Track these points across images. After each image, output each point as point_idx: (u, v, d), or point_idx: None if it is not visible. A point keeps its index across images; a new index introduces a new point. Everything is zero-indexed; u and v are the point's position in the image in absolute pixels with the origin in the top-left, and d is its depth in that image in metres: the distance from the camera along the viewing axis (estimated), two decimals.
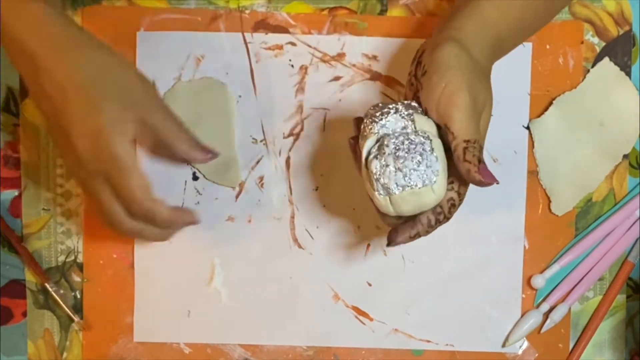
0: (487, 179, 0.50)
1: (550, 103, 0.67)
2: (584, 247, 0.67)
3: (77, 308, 0.69)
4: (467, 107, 0.50)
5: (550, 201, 0.67)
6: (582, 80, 0.67)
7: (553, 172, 0.67)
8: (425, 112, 0.52)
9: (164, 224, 0.58)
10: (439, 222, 0.52)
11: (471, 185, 0.67)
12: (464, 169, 0.50)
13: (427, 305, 0.68)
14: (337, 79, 0.67)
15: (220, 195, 0.68)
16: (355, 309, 0.68)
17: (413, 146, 0.50)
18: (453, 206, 0.52)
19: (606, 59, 0.67)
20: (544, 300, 0.68)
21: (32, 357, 0.69)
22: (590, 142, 0.67)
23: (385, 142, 0.51)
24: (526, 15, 0.56)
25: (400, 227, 0.52)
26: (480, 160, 0.50)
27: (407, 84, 0.56)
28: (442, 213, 0.52)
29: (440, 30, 0.54)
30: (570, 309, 0.68)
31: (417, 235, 0.52)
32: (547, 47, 0.67)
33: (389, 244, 0.52)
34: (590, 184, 0.67)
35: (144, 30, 0.67)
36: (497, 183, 0.51)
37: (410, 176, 0.50)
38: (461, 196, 0.53)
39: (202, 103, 0.67)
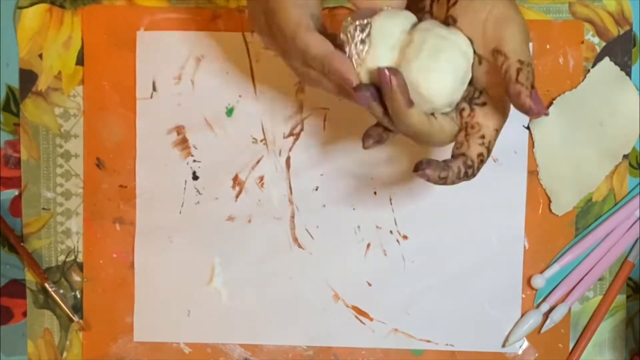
0: (537, 106, 0.47)
1: (551, 103, 0.67)
2: (584, 247, 0.67)
3: (77, 308, 0.69)
4: (520, 27, 0.47)
5: (550, 201, 0.67)
6: (582, 80, 0.67)
7: (553, 172, 0.67)
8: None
9: (318, 65, 0.49)
10: (466, 176, 0.50)
11: (472, 183, 0.67)
12: (515, 92, 0.47)
13: (427, 305, 0.68)
14: None
15: (220, 195, 0.68)
16: (355, 308, 0.68)
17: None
18: (482, 162, 0.51)
19: (606, 59, 0.66)
20: (544, 300, 0.68)
21: (32, 357, 0.69)
22: (590, 142, 0.67)
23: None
24: None
25: (434, 162, 0.49)
26: (533, 86, 0.47)
27: None
28: (472, 167, 0.50)
29: None
30: (570, 309, 0.68)
31: (444, 180, 0.50)
32: (547, 47, 0.67)
33: (416, 170, 0.49)
34: (590, 184, 0.67)
35: (143, 30, 0.67)
36: (547, 114, 0.48)
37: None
38: (489, 151, 0.51)
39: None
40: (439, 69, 0.48)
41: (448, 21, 0.50)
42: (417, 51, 0.48)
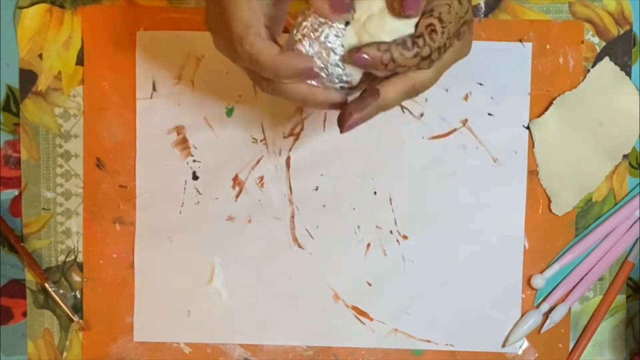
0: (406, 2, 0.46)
1: (551, 103, 0.67)
2: (584, 247, 0.67)
3: (77, 308, 0.69)
4: None
5: (550, 201, 0.67)
6: (582, 80, 0.67)
7: (553, 172, 0.67)
8: None
9: (268, 70, 0.49)
10: (417, 47, 0.47)
11: (472, 183, 0.67)
12: None
13: (427, 305, 0.68)
14: None
15: (220, 195, 0.68)
16: (355, 309, 0.68)
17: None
18: (433, 32, 0.47)
19: (606, 59, 0.66)
20: (544, 300, 0.68)
21: (32, 357, 0.69)
22: (590, 142, 0.67)
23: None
24: None
25: (373, 44, 0.47)
26: None
27: None
28: (421, 37, 0.47)
29: None
30: (570, 309, 0.68)
31: (389, 56, 0.47)
32: (547, 47, 0.67)
33: (356, 53, 0.47)
34: (590, 184, 0.67)
35: (143, 30, 0.67)
36: (413, 14, 0.47)
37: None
38: (442, 23, 0.48)
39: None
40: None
41: None
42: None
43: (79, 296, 0.69)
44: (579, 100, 0.66)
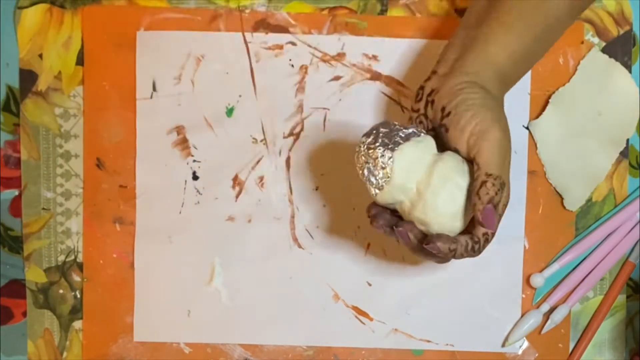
0: (485, 221, 0.51)
1: (547, 102, 0.67)
2: (583, 247, 0.67)
3: (77, 308, 0.69)
4: (498, 141, 0.51)
5: (562, 198, 0.67)
6: (573, 74, 0.67)
7: (560, 170, 0.67)
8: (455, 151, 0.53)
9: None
10: (473, 251, 0.52)
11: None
12: (472, 202, 0.51)
13: (427, 305, 0.68)
14: (337, 78, 0.67)
15: (220, 195, 0.68)
16: (355, 309, 0.68)
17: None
18: (487, 241, 0.53)
19: (594, 49, 0.66)
20: (544, 300, 0.68)
21: (32, 357, 0.69)
22: (591, 133, 0.67)
23: None
24: (530, 50, 0.56)
25: (444, 236, 0.52)
26: (492, 201, 0.50)
27: (413, 121, 0.56)
28: (478, 244, 0.52)
29: (452, 73, 0.54)
30: (570, 309, 0.68)
31: (453, 253, 0.52)
32: None
33: (427, 243, 0.52)
34: (599, 174, 0.67)
35: (143, 30, 0.67)
36: (492, 231, 0.52)
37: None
38: (493, 235, 0.53)
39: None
40: (450, 215, 0.52)
41: (441, 129, 0.53)
42: (434, 196, 0.52)
43: (79, 296, 0.69)
44: (574, 94, 0.66)
